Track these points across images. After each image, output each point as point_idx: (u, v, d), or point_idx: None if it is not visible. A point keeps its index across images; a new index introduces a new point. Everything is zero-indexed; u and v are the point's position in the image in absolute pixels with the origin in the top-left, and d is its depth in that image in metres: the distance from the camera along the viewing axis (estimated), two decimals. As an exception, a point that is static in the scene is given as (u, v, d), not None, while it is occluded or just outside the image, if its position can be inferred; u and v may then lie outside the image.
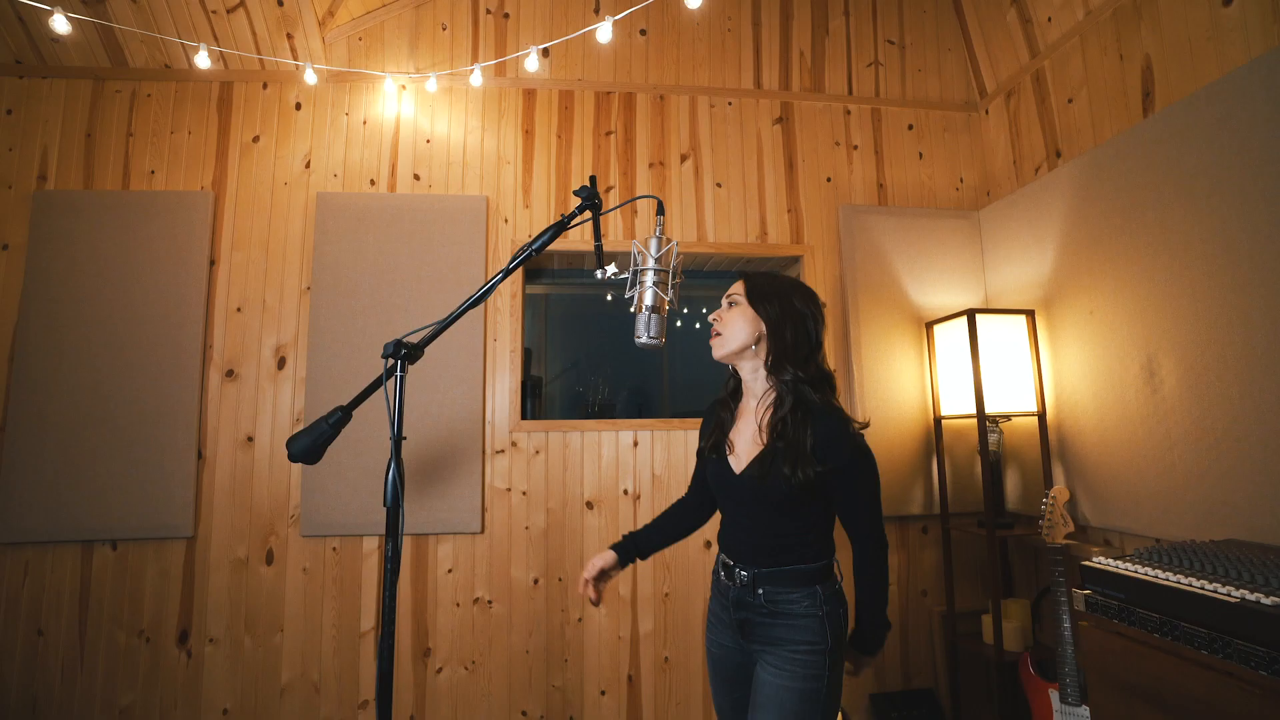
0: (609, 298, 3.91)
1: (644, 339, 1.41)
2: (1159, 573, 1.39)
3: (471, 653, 2.32)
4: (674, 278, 1.45)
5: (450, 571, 2.35)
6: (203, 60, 2.17)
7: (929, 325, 2.61)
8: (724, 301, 1.43)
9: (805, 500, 1.26)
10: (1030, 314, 2.40)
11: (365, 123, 2.54)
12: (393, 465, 1.44)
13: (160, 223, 2.34)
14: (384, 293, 2.41)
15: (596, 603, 1.45)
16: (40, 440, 2.20)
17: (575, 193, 1.42)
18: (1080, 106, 2.35)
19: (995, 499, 2.46)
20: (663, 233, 1.44)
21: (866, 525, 1.30)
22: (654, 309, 1.41)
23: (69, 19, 1.87)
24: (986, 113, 2.84)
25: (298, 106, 2.51)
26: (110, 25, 2.29)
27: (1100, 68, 2.26)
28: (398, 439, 1.44)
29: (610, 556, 1.47)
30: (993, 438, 2.43)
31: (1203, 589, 1.29)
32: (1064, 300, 2.31)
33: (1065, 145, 2.41)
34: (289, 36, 2.41)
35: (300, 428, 2.07)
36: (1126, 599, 1.44)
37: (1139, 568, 1.44)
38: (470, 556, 2.37)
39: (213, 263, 2.37)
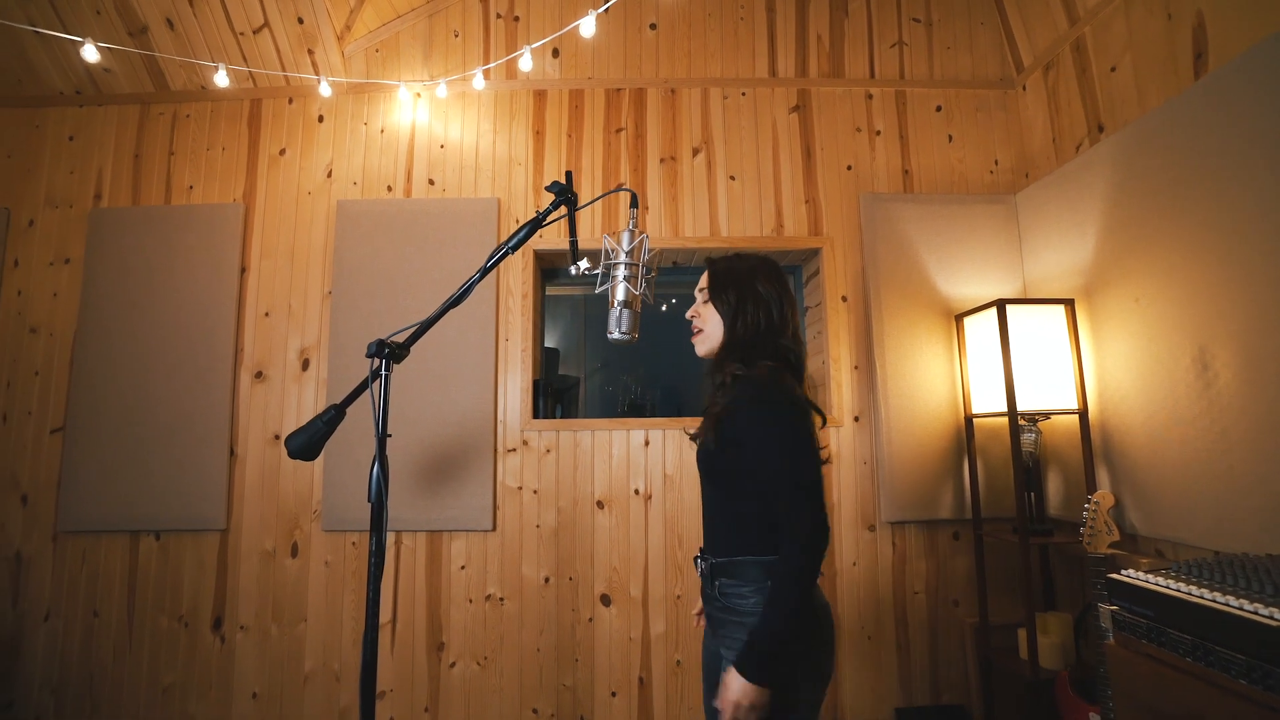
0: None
1: (615, 335, 1.38)
2: (1192, 589, 1.24)
3: (484, 648, 2.35)
4: (647, 272, 1.42)
5: (463, 568, 2.39)
6: (221, 79, 2.30)
7: (959, 318, 2.45)
8: (696, 295, 1.39)
9: (738, 473, 1.19)
10: (1070, 303, 2.21)
11: (383, 131, 2.62)
12: (376, 462, 1.47)
13: (197, 234, 2.50)
14: (400, 295, 2.48)
15: None
16: (95, 438, 2.39)
17: (548, 188, 1.41)
18: (1124, 74, 2.14)
19: (1035, 503, 2.28)
20: (636, 226, 1.41)
21: (786, 489, 1.10)
22: (626, 304, 1.38)
23: (98, 48, 2.02)
24: (1024, 89, 2.64)
25: (320, 119, 2.62)
26: (154, 54, 2.47)
27: (1146, 30, 2.05)
28: (382, 437, 1.47)
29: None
30: (1030, 438, 2.25)
31: (1240, 609, 1.14)
32: (1107, 287, 2.11)
33: (1108, 118, 2.21)
34: (310, 52, 2.52)
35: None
36: (1155, 617, 1.29)
37: (1170, 583, 1.29)
38: (483, 553, 2.40)
39: (243, 270, 2.51)
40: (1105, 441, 2.12)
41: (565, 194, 1.44)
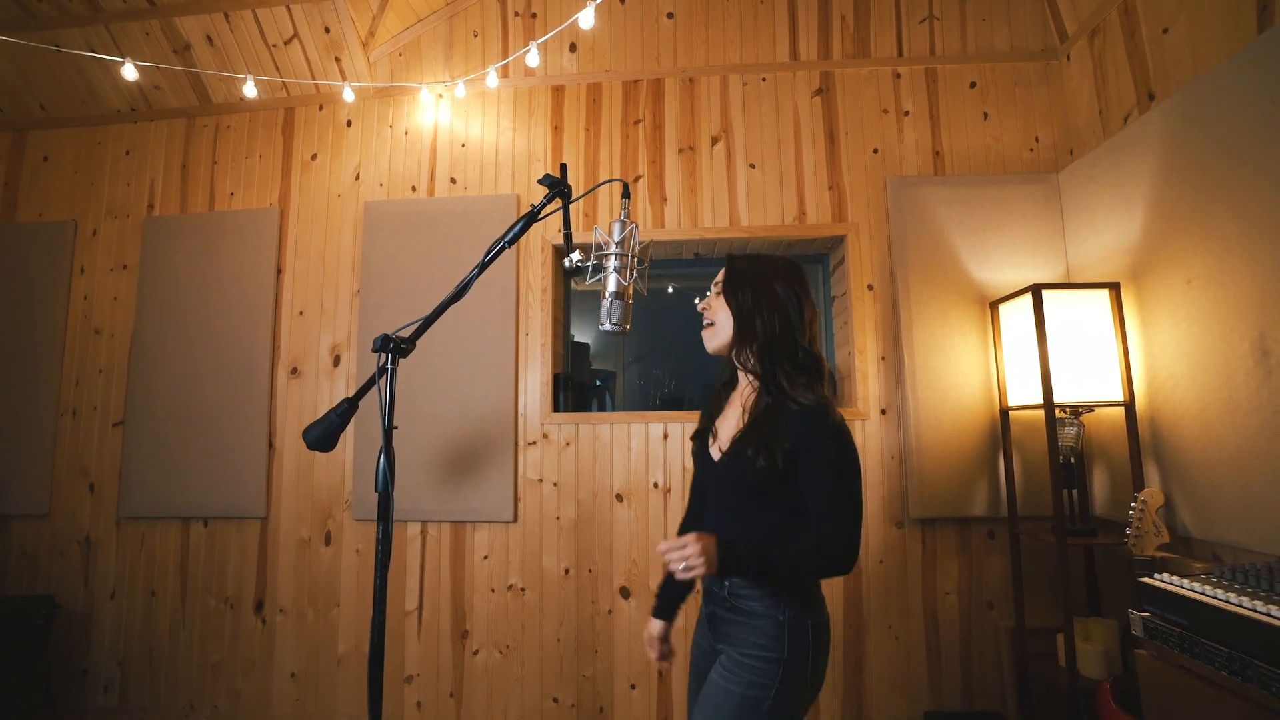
0: (670, 289, 3.87)
1: (606, 326, 1.38)
2: (1230, 596, 1.13)
3: (506, 637, 2.40)
4: (639, 263, 1.40)
5: (486, 558, 2.44)
6: (250, 90, 2.42)
7: (993, 305, 2.32)
8: (711, 288, 1.35)
9: (776, 487, 1.16)
10: (1115, 287, 2.05)
11: (407, 133, 2.70)
12: (383, 454, 1.50)
13: (237, 238, 2.64)
14: (423, 292, 2.55)
15: (669, 659, 1.43)
16: (150, 431, 2.57)
17: (540, 181, 1.41)
18: (1178, 35, 1.96)
19: (1078, 502, 2.14)
20: (627, 217, 1.40)
21: (827, 504, 1.12)
22: (617, 295, 1.37)
23: (139, 67, 2.16)
24: (1068, 59, 2.46)
25: (348, 124, 2.72)
26: (196, 70, 2.62)
27: (1201, -14, 1.87)
28: (388, 429, 1.50)
29: (659, 626, 1.43)
30: (1071, 431, 2.11)
31: (1281, 619, 1.03)
32: (1156, 269, 1.95)
33: (1159, 85, 2.03)
34: (337, 60, 2.61)
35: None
36: (1189, 626, 1.19)
37: (1206, 589, 1.18)
38: (504, 545, 2.44)
39: (279, 271, 2.64)
40: (1154, 435, 1.97)
41: (559, 187, 1.44)
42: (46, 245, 2.74)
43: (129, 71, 2.18)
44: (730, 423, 1.28)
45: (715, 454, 1.28)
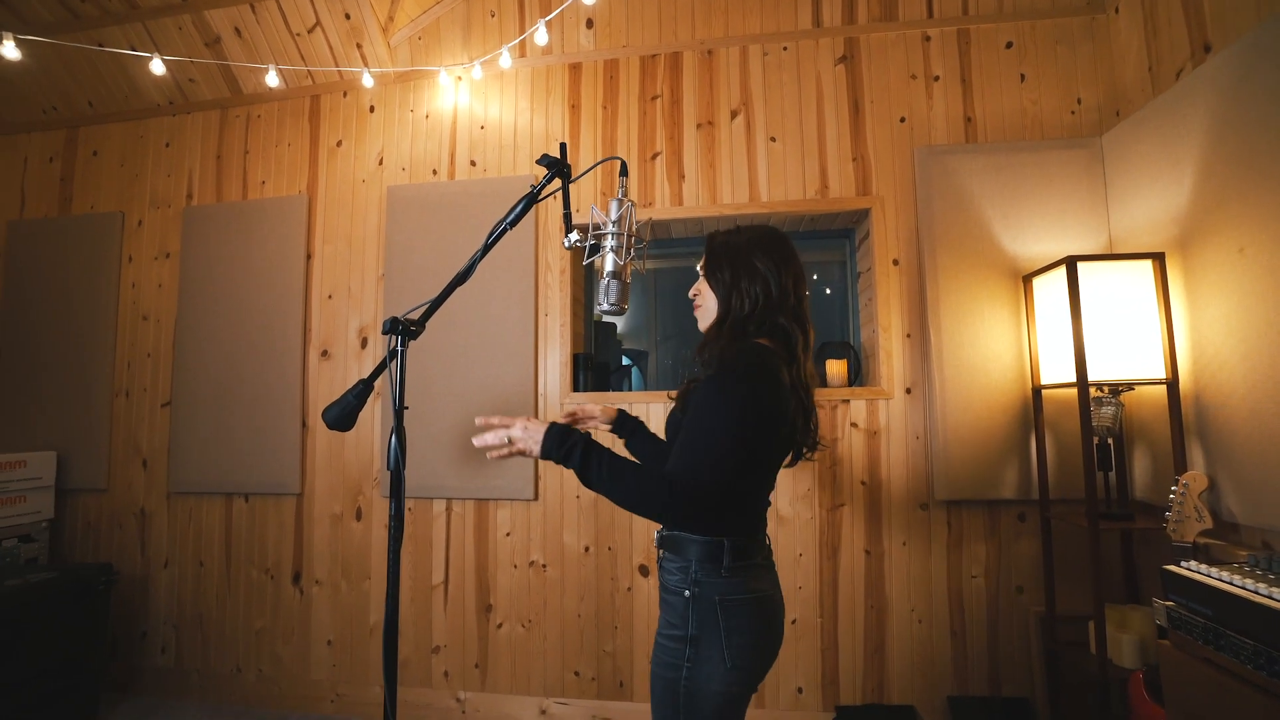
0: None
1: (604, 306, 1.37)
2: (1260, 587, 1.06)
3: (528, 612, 2.46)
4: (637, 242, 1.38)
5: (508, 535, 2.50)
6: (272, 79, 2.47)
7: (1026, 279, 2.21)
8: (698, 271, 1.34)
9: None
10: (1159, 258, 1.92)
11: (427, 116, 2.72)
12: (394, 434, 1.55)
13: (269, 225, 2.73)
14: (445, 275, 2.54)
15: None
16: (194, 411, 2.71)
17: (539, 161, 1.41)
18: (1236, -19, 1.79)
19: (1116, 485, 2.05)
20: (625, 195, 1.38)
21: (681, 444, 1.05)
22: (614, 275, 1.36)
23: (167, 61, 2.24)
24: (1116, 11, 2.28)
25: (371, 109, 2.76)
26: (227, 63, 2.70)
27: (1263, -77, 1.70)
28: (399, 410, 1.55)
29: (612, 411, 1.58)
30: (1109, 411, 2.00)
31: (1315, 611, 0.96)
32: (1206, 237, 1.81)
33: (1216, 35, 1.87)
34: (359, 46, 2.64)
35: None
36: (1214, 617, 1.12)
37: (1234, 578, 1.11)
38: (526, 522, 2.49)
39: (309, 256, 2.72)
40: (1199, 415, 1.85)
41: (558, 167, 1.43)
42: (98, 236, 2.90)
43: (157, 66, 2.27)
44: None
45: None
